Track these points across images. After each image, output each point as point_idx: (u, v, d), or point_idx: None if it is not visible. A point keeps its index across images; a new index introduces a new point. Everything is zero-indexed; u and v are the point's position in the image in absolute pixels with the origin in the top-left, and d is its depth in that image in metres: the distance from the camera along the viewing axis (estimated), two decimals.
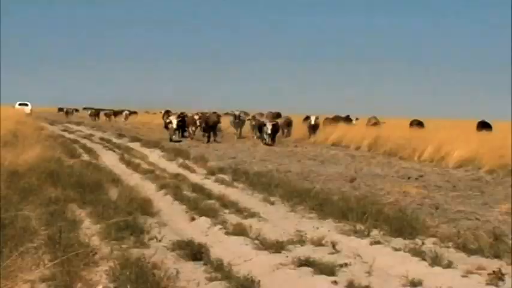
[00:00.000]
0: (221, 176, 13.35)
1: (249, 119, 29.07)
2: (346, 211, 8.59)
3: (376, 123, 31.11)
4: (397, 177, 14.07)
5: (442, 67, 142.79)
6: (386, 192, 11.46)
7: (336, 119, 32.26)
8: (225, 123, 35.03)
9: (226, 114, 38.15)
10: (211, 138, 25.67)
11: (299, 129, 29.54)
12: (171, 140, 24.75)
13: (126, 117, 52.42)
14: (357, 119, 34.83)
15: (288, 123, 29.17)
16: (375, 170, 15.46)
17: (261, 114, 41.22)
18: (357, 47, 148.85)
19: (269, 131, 24.06)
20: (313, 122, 27.68)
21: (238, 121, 28.29)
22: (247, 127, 29.96)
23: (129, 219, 8.02)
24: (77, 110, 67.65)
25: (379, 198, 10.49)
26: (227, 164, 15.75)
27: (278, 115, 37.93)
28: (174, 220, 8.96)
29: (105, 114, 56.65)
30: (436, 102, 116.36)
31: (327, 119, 32.19)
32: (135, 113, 56.09)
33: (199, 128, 27.00)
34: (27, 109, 56.79)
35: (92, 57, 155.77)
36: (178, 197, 10.58)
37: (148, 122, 47.55)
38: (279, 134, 26.96)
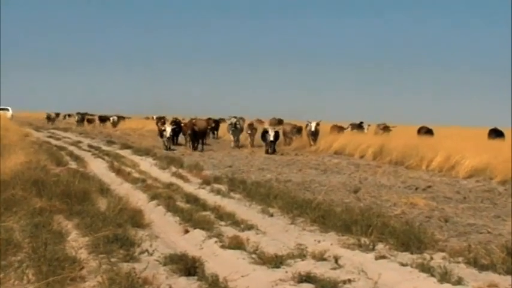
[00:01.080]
0: (217, 185, 13.35)
1: (247, 125, 28.97)
2: (349, 224, 8.60)
3: (386, 128, 31.02)
4: (404, 188, 14.08)
5: (452, 72, 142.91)
6: (393, 204, 11.47)
7: (339, 127, 32.22)
8: (222, 130, 35.09)
9: (221, 119, 38.22)
10: (200, 146, 25.40)
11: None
12: (166, 149, 24.66)
13: (115, 124, 51.83)
14: (369, 125, 34.73)
15: (298, 130, 28.66)
16: (381, 180, 15.46)
17: (260, 121, 41.24)
18: (363, 50, 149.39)
19: (271, 138, 24.03)
20: (313, 129, 27.46)
21: (235, 129, 28.13)
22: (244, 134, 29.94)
23: (119, 231, 8.02)
24: (69, 115, 67.15)
25: (384, 210, 10.50)
26: (223, 173, 15.76)
27: (280, 122, 37.94)
28: (167, 232, 8.96)
29: (88, 120, 55.35)
30: (446, 109, 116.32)
31: (334, 126, 32.16)
32: (123, 118, 55.14)
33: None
34: (8, 114, 56.69)
35: (85, 61, 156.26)
36: (171, 208, 10.58)
37: (140, 128, 47.52)
38: (280, 141, 26.88)
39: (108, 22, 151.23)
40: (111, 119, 53.91)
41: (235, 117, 28.95)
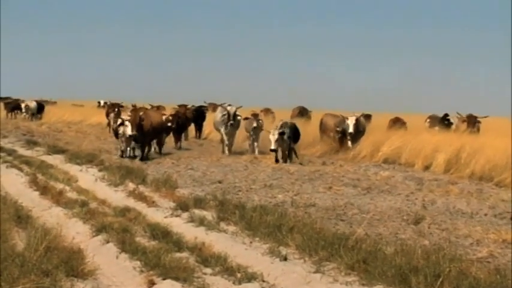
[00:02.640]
0: (199, 212, 13.37)
1: (246, 118, 28.60)
2: (407, 272, 8.62)
3: (471, 121, 30.66)
4: (493, 217, 14.07)
5: None
6: (475, 242, 11.48)
7: (399, 121, 32.27)
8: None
9: (204, 108, 37.90)
10: (147, 151, 24.64)
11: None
12: (123, 155, 24.20)
13: (33, 114, 50.68)
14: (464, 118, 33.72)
15: (361, 128, 27.73)
16: (456, 205, 15.45)
17: (269, 111, 41.20)
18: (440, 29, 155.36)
19: (272, 146, 23.51)
20: (351, 129, 27.04)
21: (232, 124, 27.21)
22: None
23: (45, 283, 8.03)
24: None
25: (462, 251, 10.51)
26: (209, 193, 15.75)
27: (303, 112, 37.88)
28: (121, 286, 8.97)
29: None
30: None
31: (394, 119, 32.12)
32: (41, 106, 53.49)
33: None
34: None
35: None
36: (127, 246, 10.60)
37: (79, 121, 47.62)
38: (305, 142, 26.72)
39: None
40: (22, 106, 52.51)
41: (230, 105, 28.37)
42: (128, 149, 24.41)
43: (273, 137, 23.46)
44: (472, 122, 30.80)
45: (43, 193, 16.00)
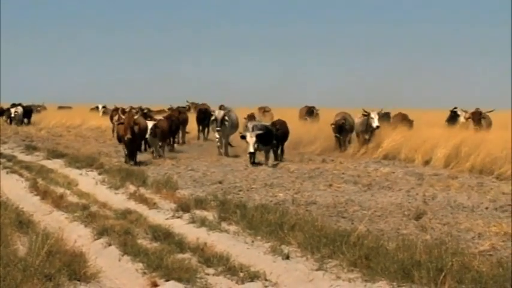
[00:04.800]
0: (200, 212, 13.38)
1: (245, 118, 28.65)
2: (409, 267, 8.62)
3: (475, 117, 30.29)
4: (494, 210, 14.06)
5: None
6: (477, 235, 11.48)
7: (403, 117, 32.29)
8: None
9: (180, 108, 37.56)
10: (137, 156, 23.73)
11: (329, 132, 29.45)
12: (131, 161, 23.62)
13: (18, 120, 49.93)
14: (466, 112, 32.85)
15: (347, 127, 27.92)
16: (457, 198, 15.46)
17: (265, 110, 41.24)
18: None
19: (250, 149, 23.11)
20: (376, 123, 26.95)
21: (222, 126, 27.04)
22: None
23: (49, 287, 8.03)
24: None
25: (464, 245, 10.51)
26: (210, 193, 15.75)
27: (309, 111, 38.09)
28: None
29: None
30: None
31: (400, 115, 32.12)
32: (29, 110, 52.84)
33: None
34: None
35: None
36: (128, 249, 10.61)
37: (78, 125, 47.58)
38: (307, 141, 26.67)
39: None
40: (12, 112, 51.64)
41: (222, 106, 28.42)
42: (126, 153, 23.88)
43: (251, 139, 23.11)
44: (476, 118, 30.38)
45: (44, 198, 16.00)
